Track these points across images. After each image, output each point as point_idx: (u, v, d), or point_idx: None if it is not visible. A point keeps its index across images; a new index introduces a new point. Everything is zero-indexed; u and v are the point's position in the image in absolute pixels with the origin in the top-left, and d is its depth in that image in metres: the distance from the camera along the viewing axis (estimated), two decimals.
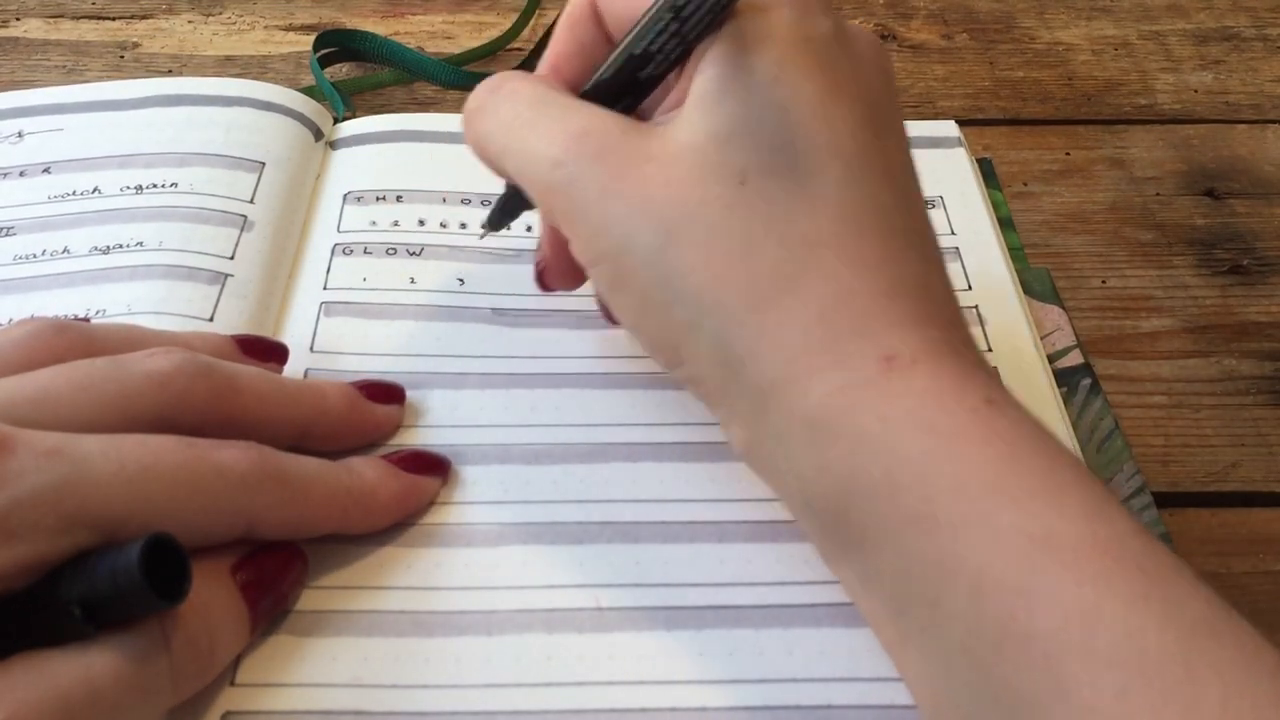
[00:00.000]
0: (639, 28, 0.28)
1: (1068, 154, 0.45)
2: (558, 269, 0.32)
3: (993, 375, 0.25)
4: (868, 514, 0.24)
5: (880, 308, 0.25)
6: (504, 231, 0.38)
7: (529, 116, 0.29)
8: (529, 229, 0.38)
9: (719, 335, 0.26)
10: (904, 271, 0.26)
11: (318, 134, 0.42)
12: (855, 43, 0.28)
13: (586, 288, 0.34)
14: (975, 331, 0.35)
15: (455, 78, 0.46)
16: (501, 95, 0.30)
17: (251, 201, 0.38)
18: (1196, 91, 0.47)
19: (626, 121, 0.28)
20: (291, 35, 0.49)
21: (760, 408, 0.26)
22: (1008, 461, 0.23)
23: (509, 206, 0.33)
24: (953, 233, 0.38)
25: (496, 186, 0.39)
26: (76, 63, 0.47)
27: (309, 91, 0.44)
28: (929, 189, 0.40)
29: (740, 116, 0.26)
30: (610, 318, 0.32)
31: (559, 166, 0.27)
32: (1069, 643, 0.21)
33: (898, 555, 0.23)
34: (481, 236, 0.34)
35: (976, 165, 0.41)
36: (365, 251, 0.37)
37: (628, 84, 0.29)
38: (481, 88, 0.31)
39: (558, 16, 0.42)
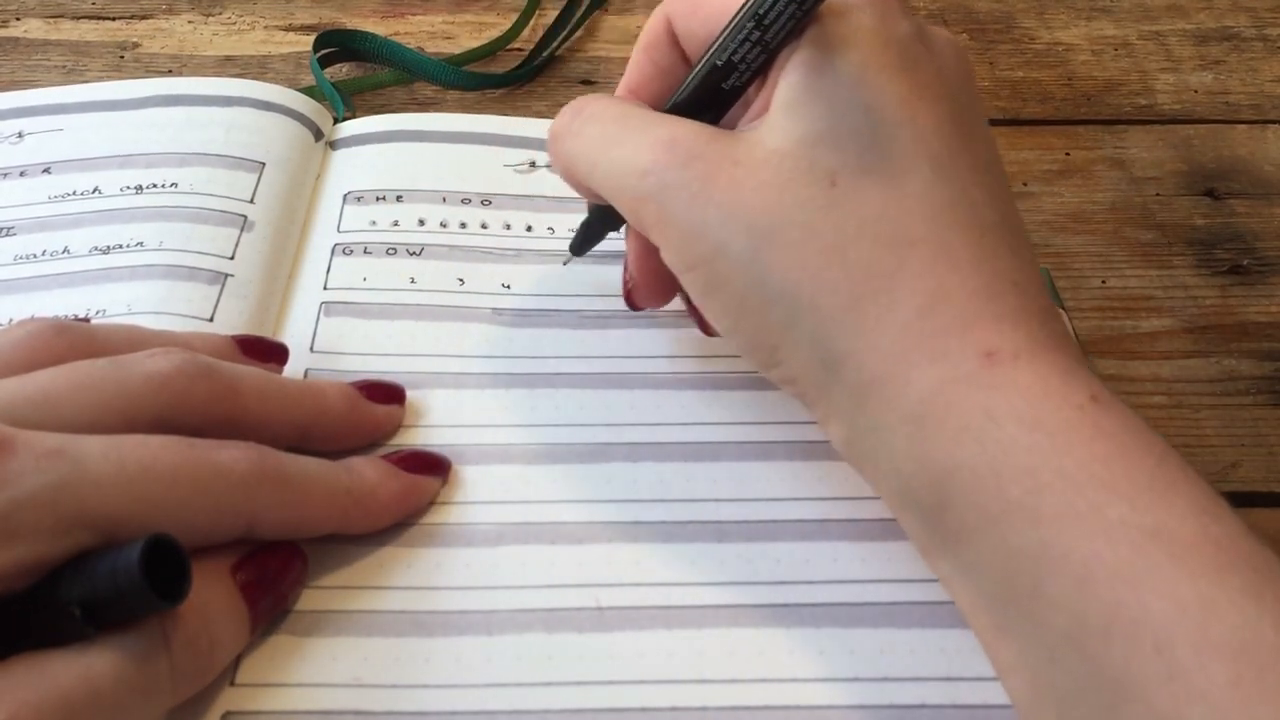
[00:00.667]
0: (722, 38, 0.28)
1: (1068, 154, 0.45)
2: (645, 287, 0.32)
3: (1093, 372, 0.25)
4: (970, 505, 0.24)
5: (978, 304, 0.25)
6: (504, 230, 0.38)
7: (615, 132, 0.29)
8: (539, 228, 0.38)
9: (817, 334, 0.26)
10: (998, 267, 0.26)
11: (318, 134, 0.42)
12: (935, 42, 0.28)
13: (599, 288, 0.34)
14: None
15: (455, 78, 0.46)
16: (585, 117, 0.30)
17: (251, 201, 0.38)
18: (1196, 91, 0.47)
19: (712, 129, 0.28)
20: (291, 35, 0.49)
21: (860, 403, 0.26)
22: (1116, 458, 0.23)
23: (591, 231, 0.34)
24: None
25: (497, 185, 0.40)
26: (76, 63, 0.47)
27: (309, 91, 0.44)
28: None
29: (827, 119, 0.26)
30: (704, 326, 0.33)
31: (648, 175, 0.28)
32: (1181, 631, 0.21)
33: (1000, 544, 0.24)
34: (565, 263, 0.35)
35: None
36: (365, 251, 0.37)
37: (710, 97, 0.29)
38: (565, 113, 0.31)
39: (559, 16, 0.42)
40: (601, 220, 0.34)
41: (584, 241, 0.35)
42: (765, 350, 0.28)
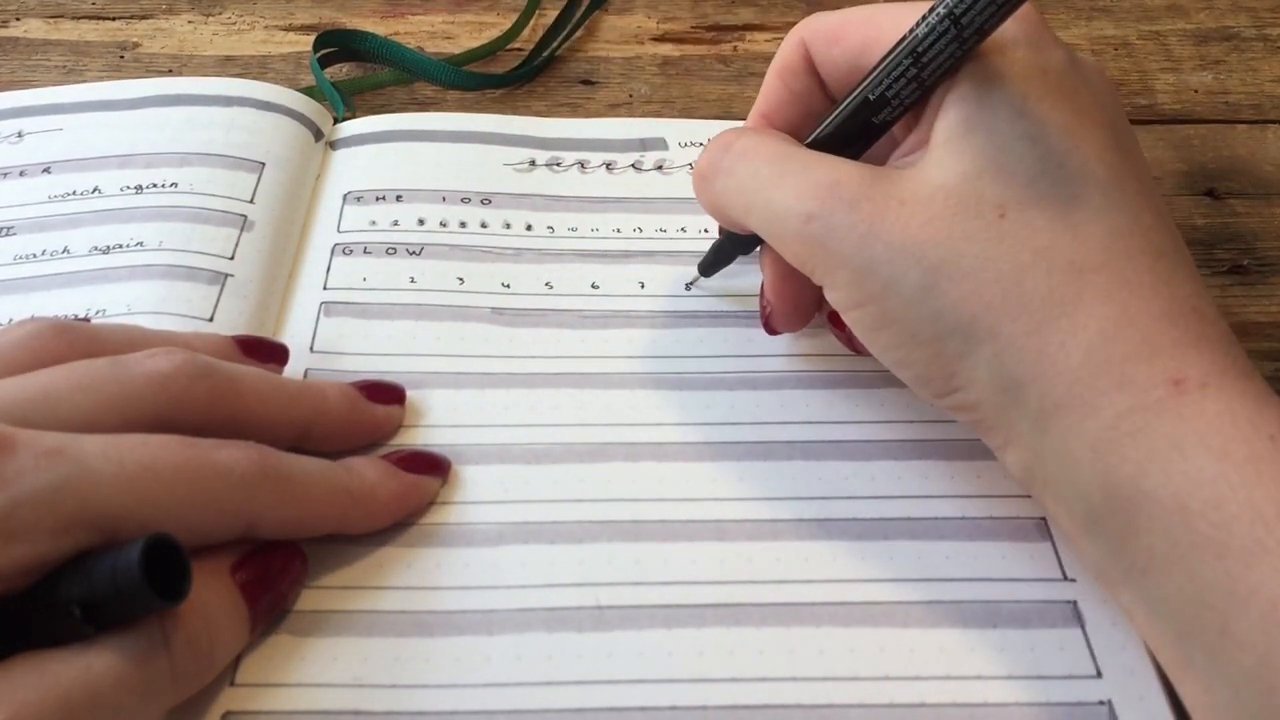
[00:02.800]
0: (876, 73, 0.28)
1: None
2: (784, 313, 0.32)
3: None
4: (1156, 536, 0.24)
5: (1160, 330, 0.25)
6: (503, 229, 0.38)
7: (769, 174, 0.29)
8: (539, 227, 0.38)
9: (997, 361, 0.26)
10: (1176, 292, 0.26)
11: (318, 134, 0.42)
12: (1086, 70, 0.28)
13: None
14: None
15: (455, 78, 0.46)
16: (735, 155, 0.30)
17: (251, 201, 0.38)
18: (1196, 91, 0.47)
19: (873, 169, 0.28)
20: (291, 35, 0.49)
21: (1042, 430, 0.26)
22: None
23: (723, 255, 0.35)
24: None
25: (497, 184, 0.40)
26: (76, 63, 0.47)
27: (309, 91, 0.44)
28: None
29: (990, 152, 0.26)
30: (852, 345, 0.33)
31: (813, 219, 0.28)
32: None
33: (1186, 580, 0.23)
34: (690, 285, 0.36)
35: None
36: (365, 251, 0.37)
37: (859, 131, 0.29)
38: (712, 149, 0.31)
39: (559, 16, 0.42)
40: (735, 245, 0.34)
41: (714, 264, 0.35)
42: (939, 380, 0.28)
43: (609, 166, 0.41)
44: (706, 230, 0.38)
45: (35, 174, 0.39)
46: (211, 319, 0.34)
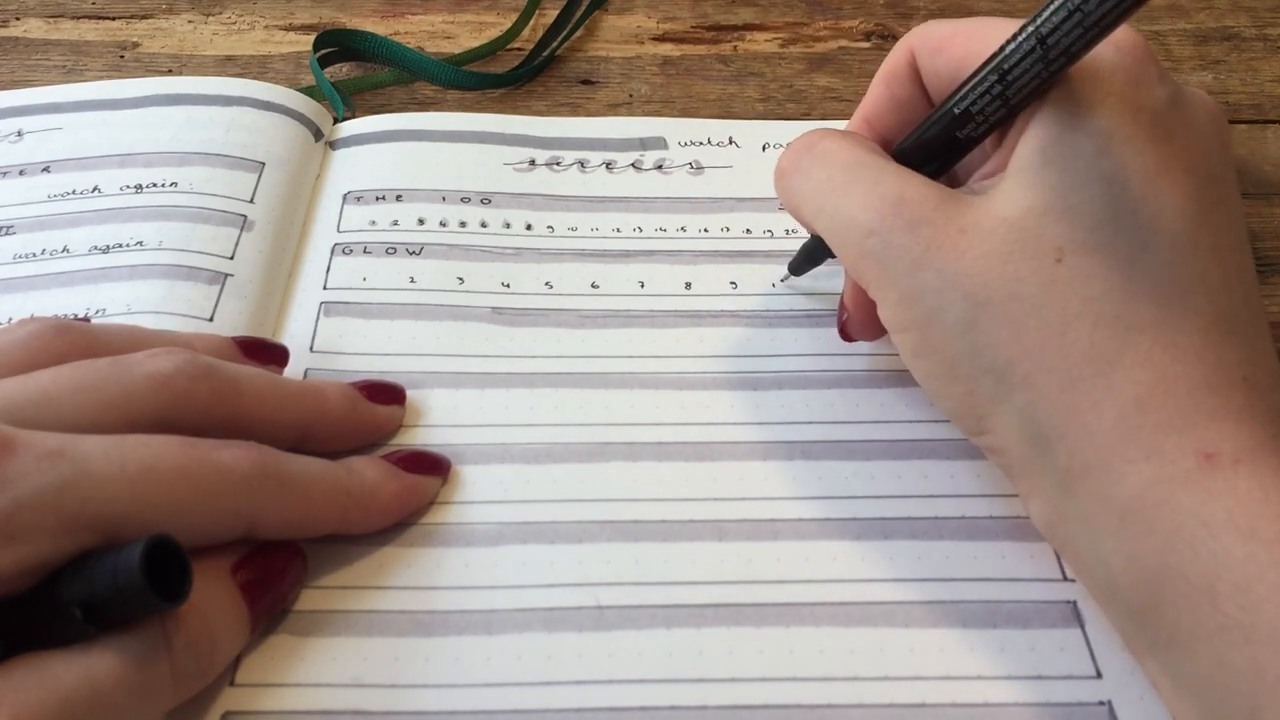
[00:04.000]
0: (964, 88, 0.28)
1: None
2: (860, 323, 0.32)
3: None
4: (1181, 613, 0.23)
5: (1199, 399, 0.24)
6: (503, 229, 0.38)
7: (842, 180, 0.29)
8: (539, 226, 0.38)
9: (1029, 411, 0.26)
10: (1226, 358, 0.25)
11: (318, 134, 0.42)
12: (1191, 110, 0.27)
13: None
14: None
15: (455, 78, 0.46)
16: (815, 156, 0.30)
17: (251, 201, 0.38)
18: None
19: (941, 190, 0.27)
20: (291, 35, 0.49)
21: (1067, 489, 0.25)
22: None
23: (814, 255, 0.35)
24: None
25: (497, 184, 0.40)
26: (76, 62, 0.47)
27: (309, 91, 0.44)
28: None
29: (1061, 190, 0.25)
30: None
31: (872, 235, 0.27)
32: None
33: (1213, 661, 0.23)
34: (781, 280, 0.36)
35: None
36: (365, 251, 0.37)
37: (944, 144, 0.29)
38: (795, 146, 0.31)
39: (559, 16, 0.42)
40: (823, 249, 0.34)
41: (804, 263, 0.35)
42: (971, 419, 0.27)
43: (609, 166, 0.41)
44: (706, 230, 0.38)
45: (35, 173, 0.39)
46: (211, 319, 0.34)
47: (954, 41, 0.29)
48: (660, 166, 0.41)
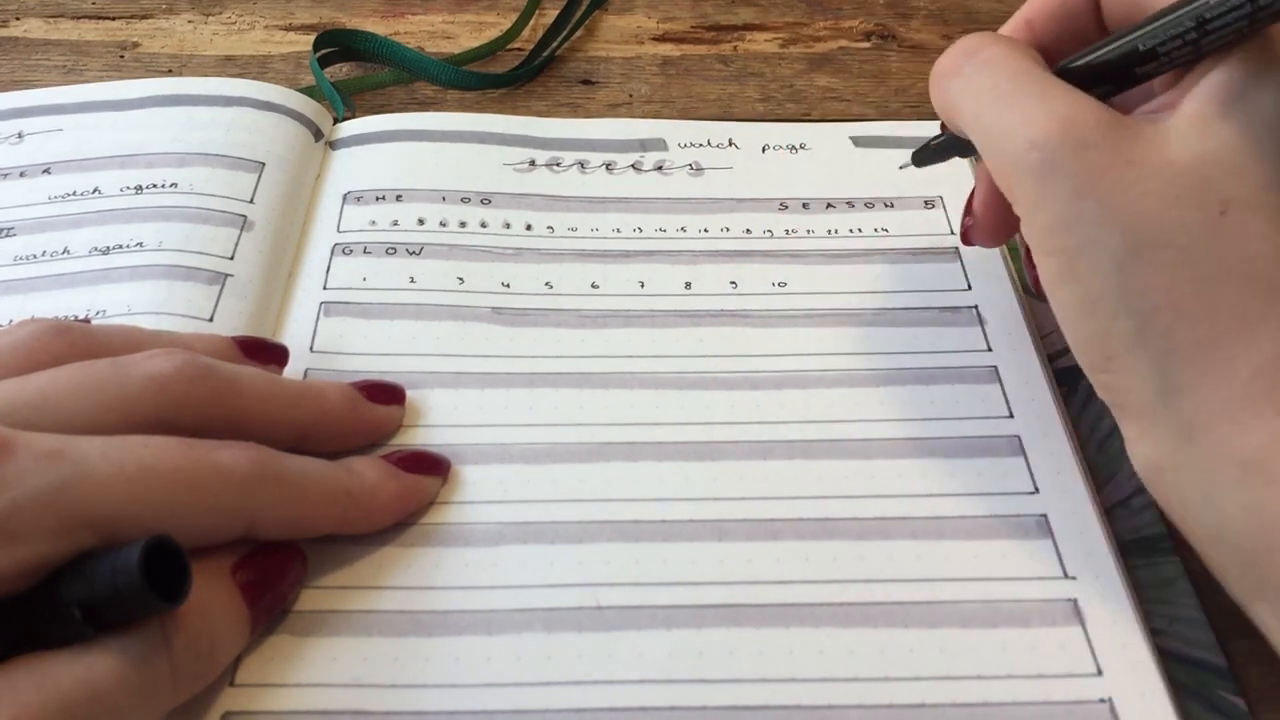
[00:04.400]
0: (1155, 25, 0.27)
1: None
2: (986, 229, 0.32)
3: None
4: None
5: None
6: (503, 229, 0.38)
7: (1008, 89, 0.28)
8: (539, 226, 0.38)
9: (1161, 359, 0.26)
10: None
11: (318, 134, 0.42)
12: None
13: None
14: (975, 331, 0.35)
15: (455, 78, 0.46)
16: (979, 61, 0.29)
17: (251, 201, 0.38)
18: None
19: (1113, 116, 0.27)
20: (291, 35, 0.49)
21: (1188, 438, 0.25)
22: None
23: (944, 150, 0.34)
24: (952, 232, 0.38)
25: (497, 184, 0.40)
26: (76, 63, 0.47)
27: (309, 91, 0.44)
28: (929, 189, 0.40)
29: (1235, 144, 0.25)
30: (1038, 291, 0.32)
31: (1036, 149, 0.27)
32: None
33: None
34: (900, 168, 0.36)
35: (976, 165, 0.41)
36: (365, 251, 0.37)
37: (1117, 75, 0.28)
38: (956, 49, 0.30)
39: (559, 16, 0.42)
40: (956, 145, 0.33)
41: (931, 157, 0.35)
42: (1101, 355, 0.27)
43: (609, 167, 0.41)
44: (706, 230, 0.38)
45: (35, 174, 0.39)
46: (211, 319, 0.34)
47: None
48: (660, 168, 0.41)
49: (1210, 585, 0.27)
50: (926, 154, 0.35)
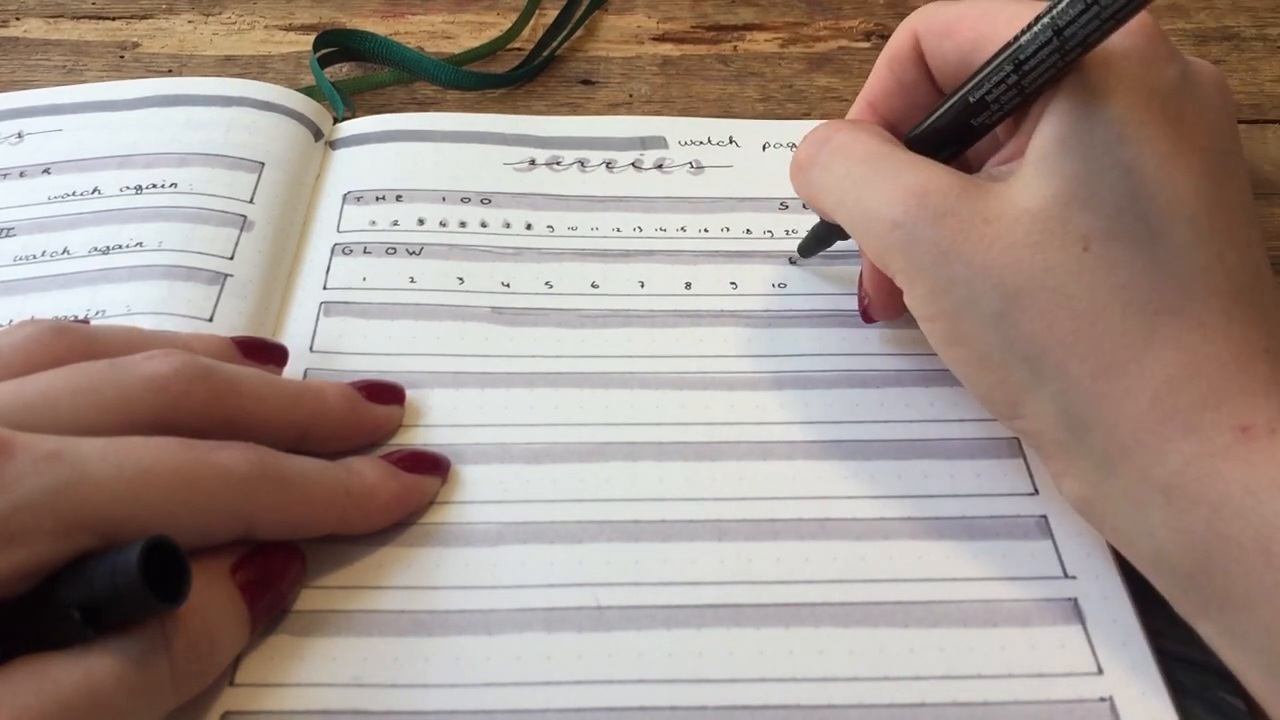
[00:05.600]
0: (978, 76, 0.28)
1: None
2: (881, 304, 0.33)
3: None
4: (1234, 576, 0.24)
5: (1229, 375, 0.25)
6: (503, 229, 0.38)
7: (862, 174, 0.29)
8: (539, 226, 0.38)
9: (1062, 398, 0.26)
10: (1249, 334, 0.25)
11: (317, 134, 0.42)
12: (1199, 86, 0.27)
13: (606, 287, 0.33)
14: None
15: (455, 78, 0.46)
16: (832, 149, 0.30)
17: (251, 201, 0.38)
18: None
19: (963, 180, 0.28)
20: (291, 35, 0.49)
21: (1106, 470, 0.26)
22: None
23: (824, 238, 0.35)
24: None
25: (497, 184, 0.40)
26: (76, 63, 0.47)
27: (309, 91, 0.44)
28: None
29: (1082, 179, 0.26)
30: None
31: (898, 228, 0.28)
32: None
33: (1271, 615, 0.23)
34: (792, 261, 0.37)
35: None
36: (365, 251, 0.37)
37: (957, 132, 0.29)
38: (810, 140, 0.31)
39: (560, 14, 0.42)
40: (833, 232, 0.34)
41: (813, 245, 0.36)
42: (1004, 404, 0.28)
43: (609, 165, 0.41)
44: (706, 230, 0.38)
45: (35, 175, 0.39)
46: (211, 319, 0.34)
47: (961, 25, 0.29)
48: (660, 166, 0.41)
49: None
50: (810, 244, 0.36)
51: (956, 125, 0.29)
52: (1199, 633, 0.26)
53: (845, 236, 0.34)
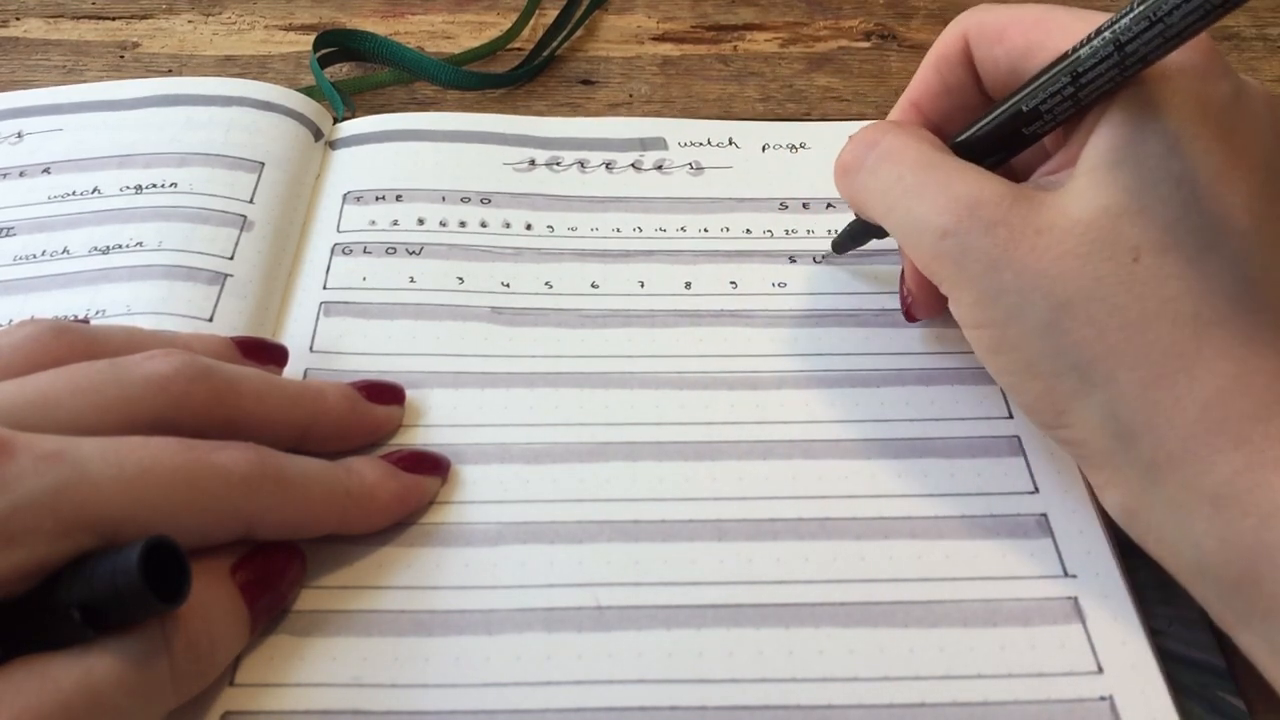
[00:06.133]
0: (1033, 85, 0.28)
1: None
2: (924, 303, 0.33)
3: None
4: None
5: (1278, 389, 0.25)
6: (503, 229, 0.38)
7: (912, 182, 0.29)
8: (539, 226, 0.38)
9: (1110, 407, 0.26)
10: None
11: (317, 134, 0.42)
12: (1252, 103, 0.27)
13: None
14: None
15: (455, 78, 0.46)
16: (880, 153, 0.30)
17: (251, 201, 0.38)
18: None
19: (1014, 188, 0.28)
20: (291, 35, 0.49)
21: (1153, 479, 0.26)
22: None
23: (859, 238, 0.35)
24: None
25: (497, 184, 0.40)
26: (76, 63, 0.47)
27: (309, 91, 0.44)
28: None
29: (1134, 191, 0.26)
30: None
31: (948, 236, 0.28)
32: None
33: None
34: (823, 258, 0.37)
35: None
36: (365, 251, 0.37)
37: (1007, 139, 0.29)
38: (856, 143, 0.31)
39: (559, 16, 0.42)
40: (870, 231, 0.34)
41: (848, 242, 0.36)
42: (1049, 413, 0.28)
43: (609, 166, 0.41)
44: (706, 230, 0.38)
45: (35, 174, 0.39)
46: (211, 319, 0.34)
47: (1013, 32, 0.29)
48: (660, 167, 0.41)
49: None
50: (844, 241, 0.36)
51: (1007, 133, 0.29)
52: (1239, 644, 0.26)
53: (882, 236, 0.34)
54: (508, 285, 0.36)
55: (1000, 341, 0.28)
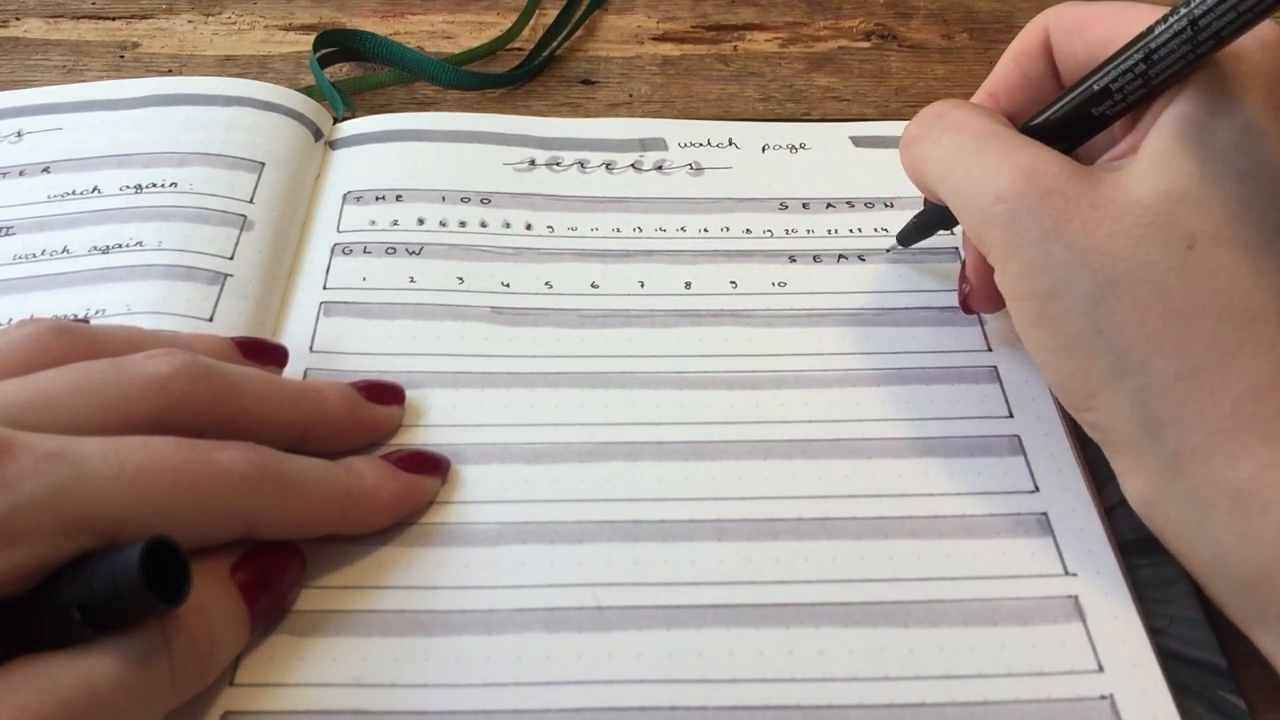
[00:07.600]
0: (1106, 67, 0.28)
1: None
2: (983, 295, 0.33)
3: None
4: None
5: None
6: (503, 229, 0.38)
7: (974, 148, 0.29)
8: (538, 226, 0.38)
9: (1142, 394, 0.26)
10: None
11: (317, 134, 0.42)
12: None
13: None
14: (974, 331, 0.35)
15: (455, 78, 0.46)
16: (945, 124, 0.30)
17: (251, 201, 0.38)
18: None
19: (1074, 164, 0.28)
20: (291, 35, 0.49)
21: (1174, 471, 0.26)
22: None
23: (927, 228, 0.35)
24: (952, 233, 0.38)
25: (496, 184, 0.40)
26: (76, 62, 0.47)
27: (309, 91, 0.44)
28: None
29: (1197, 178, 0.26)
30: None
31: (1002, 201, 0.28)
32: None
33: None
34: (889, 250, 0.37)
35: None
36: (365, 251, 0.37)
37: (1078, 121, 0.29)
38: (924, 115, 0.31)
39: (559, 16, 0.42)
40: (939, 219, 0.34)
41: (915, 234, 0.36)
42: (1081, 394, 0.28)
43: (609, 166, 0.41)
44: (706, 230, 0.38)
45: (35, 174, 0.39)
46: (211, 319, 0.34)
47: (1094, 23, 0.29)
48: (660, 167, 0.41)
49: None
50: (910, 233, 0.36)
51: (1077, 113, 0.29)
52: (1256, 642, 0.26)
53: (950, 225, 0.34)
54: (508, 285, 0.36)
55: (1042, 315, 0.28)
